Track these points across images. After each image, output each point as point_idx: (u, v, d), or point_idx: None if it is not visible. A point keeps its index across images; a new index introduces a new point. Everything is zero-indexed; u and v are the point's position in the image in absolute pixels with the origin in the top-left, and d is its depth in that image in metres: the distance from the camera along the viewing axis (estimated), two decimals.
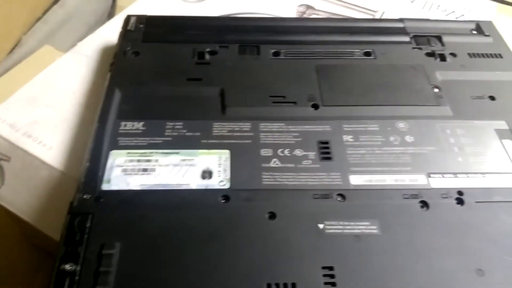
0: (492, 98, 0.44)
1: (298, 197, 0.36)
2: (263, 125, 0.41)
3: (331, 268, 0.32)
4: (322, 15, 0.60)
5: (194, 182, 0.36)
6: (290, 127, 0.41)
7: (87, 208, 0.34)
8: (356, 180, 0.37)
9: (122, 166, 0.37)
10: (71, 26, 0.71)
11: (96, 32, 0.55)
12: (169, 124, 0.40)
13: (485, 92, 0.45)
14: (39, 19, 0.71)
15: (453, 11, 0.62)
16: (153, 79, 0.44)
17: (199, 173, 0.37)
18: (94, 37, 0.54)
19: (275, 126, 0.41)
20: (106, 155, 0.38)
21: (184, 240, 0.33)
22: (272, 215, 0.35)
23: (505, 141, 0.41)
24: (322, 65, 0.46)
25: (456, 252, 0.33)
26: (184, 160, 0.37)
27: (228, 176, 0.37)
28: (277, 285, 0.31)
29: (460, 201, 0.36)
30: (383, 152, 0.39)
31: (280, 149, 0.39)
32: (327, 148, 0.39)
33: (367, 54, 0.48)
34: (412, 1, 0.62)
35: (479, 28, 0.52)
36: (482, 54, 0.49)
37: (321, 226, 0.34)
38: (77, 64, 0.51)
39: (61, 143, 0.44)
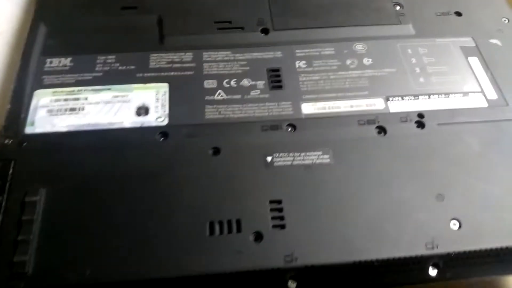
0: (458, 13, 0.41)
1: (245, 130, 0.33)
2: (207, 54, 0.36)
3: (279, 202, 0.29)
4: None
5: (128, 119, 0.32)
6: (237, 55, 0.37)
7: (8, 154, 0.31)
8: (308, 108, 0.34)
9: (47, 106, 0.33)
10: None
11: None
12: (100, 58, 0.36)
13: (451, 7, 0.41)
14: None
15: None
16: (82, 10, 0.39)
17: (133, 109, 0.33)
18: None
19: (220, 54, 0.37)
20: (29, 96, 0.34)
21: (118, 182, 0.30)
22: (216, 151, 0.31)
23: (471, 59, 0.37)
24: None
25: (414, 178, 0.31)
26: (116, 96, 0.34)
27: (167, 111, 0.33)
28: (220, 223, 0.28)
29: (420, 124, 0.33)
30: (338, 77, 0.36)
31: (226, 80, 0.35)
32: (278, 76, 0.36)
33: None
34: None
35: None
36: None
37: (269, 158, 0.31)
38: (3, 1, 0.46)
39: None
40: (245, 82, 0.35)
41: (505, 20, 0.40)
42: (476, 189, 0.30)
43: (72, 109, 0.33)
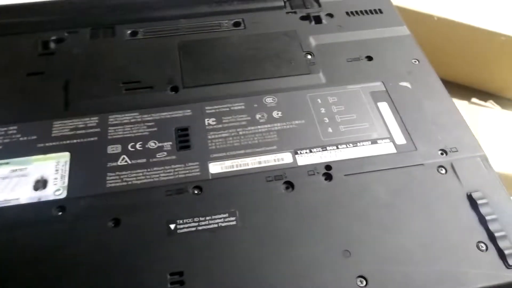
0: (369, 58, 0.41)
1: (148, 196, 0.32)
2: (113, 118, 0.36)
3: (180, 274, 0.28)
4: None
5: (24, 195, 0.31)
6: (144, 116, 0.36)
7: None
8: (215, 168, 0.33)
9: None
10: None
11: None
12: (1, 129, 0.34)
13: (362, 52, 0.41)
14: None
15: None
16: None
17: (31, 183, 0.32)
18: None
19: (126, 117, 0.36)
20: None
21: (13, 264, 0.28)
22: (116, 222, 0.30)
23: (380, 104, 0.38)
24: (185, 41, 0.41)
25: (321, 234, 0.30)
26: (14, 170, 0.32)
27: (66, 183, 0.32)
28: None
29: (328, 177, 0.33)
30: (247, 133, 0.35)
31: (131, 144, 0.34)
32: (186, 135, 0.35)
33: (237, 24, 0.43)
34: None
35: None
36: (361, 11, 0.45)
37: (172, 226, 0.30)
38: None
39: None
40: (152, 144, 0.34)
41: (415, 61, 0.41)
42: (383, 242, 0.30)
43: None
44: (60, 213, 0.30)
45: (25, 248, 0.29)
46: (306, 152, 0.34)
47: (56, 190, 0.31)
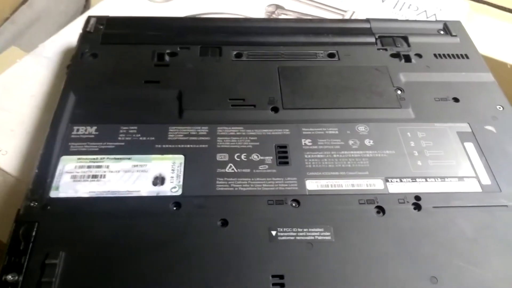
0: (456, 99, 0.44)
1: (252, 203, 0.35)
2: (221, 129, 0.40)
3: (281, 277, 0.31)
4: (291, 15, 0.59)
5: (145, 188, 0.35)
6: (248, 131, 0.40)
7: (33, 216, 0.33)
8: (312, 185, 0.36)
9: (71, 172, 0.36)
10: (39, 27, 0.69)
11: (59, 33, 0.54)
12: (123, 128, 0.39)
13: (449, 93, 0.44)
14: (6, 19, 0.69)
15: (425, 10, 0.61)
16: (109, 82, 0.43)
17: (150, 179, 0.36)
18: (56, 38, 0.53)
19: (233, 130, 0.40)
20: (56, 161, 0.37)
21: (132, 249, 0.32)
22: (224, 222, 0.34)
23: (467, 144, 0.40)
24: (285, 67, 0.45)
25: (410, 259, 0.32)
26: (136, 166, 0.36)
27: (181, 182, 0.36)
28: None
29: (417, 206, 0.35)
30: (341, 156, 0.38)
31: (237, 154, 0.38)
32: (285, 152, 0.38)
33: (331, 55, 0.47)
34: (383, 1, 0.62)
35: (447, 28, 0.51)
36: (448, 55, 0.48)
37: (273, 233, 0.33)
38: (37, 66, 0.50)
39: (16, 148, 0.43)
40: (255, 156, 0.38)
41: (499, 108, 0.43)
42: (469, 273, 0.32)
43: (94, 176, 0.36)
44: (175, 208, 0.34)
45: (144, 235, 0.33)
46: (396, 181, 0.37)
47: (173, 187, 0.35)
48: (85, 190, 0.35)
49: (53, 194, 0.35)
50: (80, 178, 0.36)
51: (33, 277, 0.30)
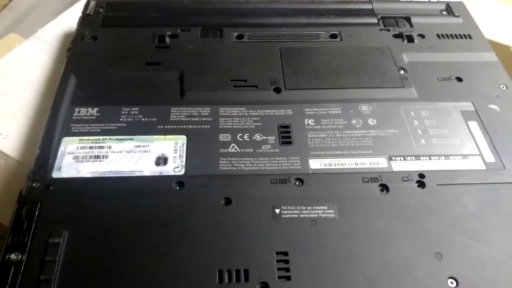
0: (459, 79, 0.43)
1: (255, 182, 0.35)
2: (223, 110, 0.39)
3: (285, 254, 0.31)
4: None
5: (147, 168, 0.35)
6: (250, 111, 0.39)
7: (35, 197, 0.33)
8: (315, 164, 0.36)
9: (73, 153, 0.36)
10: (39, 13, 0.69)
11: (58, 18, 0.54)
12: (125, 109, 0.39)
13: (452, 73, 0.44)
14: (5, 6, 0.69)
15: None
16: (110, 64, 0.42)
17: (153, 159, 0.36)
18: (55, 23, 0.53)
19: (235, 110, 0.39)
20: (58, 142, 0.36)
21: (134, 228, 0.32)
22: (228, 201, 0.34)
23: (470, 123, 0.40)
24: (286, 48, 0.45)
25: (414, 236, 0.32)
26: (138, 146, 0.36)
27: (184, 162, 0.35)
28: (229, 271, 0.30)
29: (421, 184, 0.35)
30: (344, 136, 0.38)
31: (239, 134, 0.38)
32: (288, 132, 0.38)
33: (333, 36, 0.47)
34: None
35: (449, 9, 0.51)
36: (451, 35, 0.48)
37: (277, 211, 0.33)
38: (37, 51, 0.50)
39: (17, 131, 0.43)
40: (257, 137, 0.38)
41: (503, 87, 0.43)
42: (473, 249, 0.32)
43: (97, 157, 0.35)
44: (178, 188, 0.34)
45: (147, 214, 0.33)
46: (400, 159, 0.37)
47: (175, 167, 0.35)
48: (87, 170, 0.35)
49: (55, 174, 0.34)
50: (82, 158, 0.35)
51: (37, 256, 0.30)
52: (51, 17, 0.69)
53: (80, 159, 0.35)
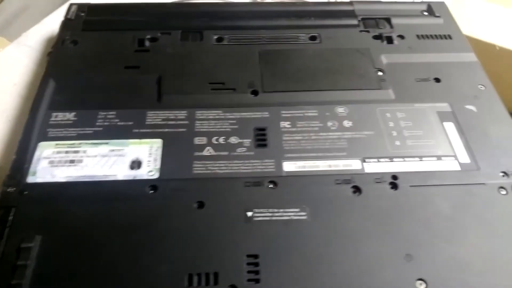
0: (437, 80, 0.43)
1: (229, 185, 0.35)
2: (200, 113, 0.40)
3: (255, 256, 0.31)
4: None
5: (121, 173, 0.35)
6: (227, 114, 0.40)
7: (10, 201, 0.33)
8: (289, 166, 0.36)
9: (49, 158, 0.36)
10: (27, 17, 0.69)
11: (42, 22, 0.54)
12: (102, 114, 0.39)
13: (431, 74, 0.44)
14: None
15: None
16: (89, 68, 0.43)
17: (128, 163, 0.36)
18: (39, 27, 0.53)
19: (212, 113, 0.40)
20: (34, 147, 0.37)
21: (108, 233, 0.32)
22: (201, 205, 0.34)
23: (446, 124, 0.40)
24: (266, 50, 0.45)
25: (385, 237, 0.33)
26: (113, 150, 0.37)
27: (158, 166, 0.36)
28: (198, 275, 0.30)
29: (394, 186, 0.35)
30: (319, 138, 0.38)
31: (215, 137, 0.38)
32: (264, 135, 0.38)
33: (313, 38, 0.47)
34: None
35: (430, 9, 0.51)
36: (431, 35, 0.48)
37: (249, 214, 0.33)
38: (20, 55, 0.50)
39: None
40: (233, 139, 0.38)
41: (481, 87, 0.43)
42: (444, 251, 0.32)
43: (72, 161, 0.36)
44: (152, 192, 0.34)
45: (120, 218, 0.33)
46: (374, 161, 0.37)
47: (149, 171, 0.35)
48: (62, 175, 0.35)
49: (30, 179, 0.35)
50: (58, 163, 0.36)
51: (9, 261, 0.30)
52: (39, 19, 0.70)
53: (55, 163, 0.36)
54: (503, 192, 0.35)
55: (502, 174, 0.36)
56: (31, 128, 0.38)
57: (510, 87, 0.69)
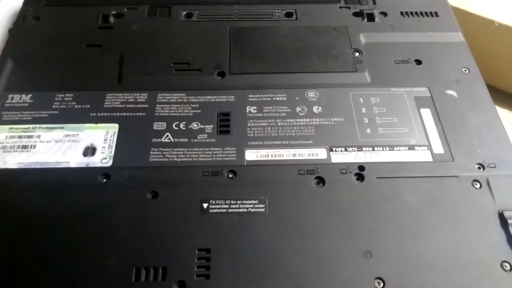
0: (418, 62, 0.41)
1: (186, 174, 0.33)
2: (161, 96, 0.38)
3: (207, 251, 0.30)
4: None
5: (74, 159, 0.34)
6: (190, 97, 0.38)
7: None
8: (251, 155, 0.34)
9: (2, 143, 0.35)
10: None
11: None
12: (59, 96, 0.37)
13: (412, 55, 0.41)
14: None
15: None
16: (49, 46, 0.41)
17: (81, 149, 0.34)
18: (4, 1, 0.51)
19: (174, 96, 0.38)
20: None
21: (58, 221, 0.31)
22: (155, 195, 0.32)
23: (423, 110, 0.37)
24: (237, 27, 0.42)
25: (346, 233, 0.31)
26: (67, 135, 0.35)
27: (113, 153, 0.34)
28: (146, 269, 0.29)
29: (360, 177, 0.33)
30: (285, 125, 0.36)
31: (176, 122, 0.36)
32: (227, 120, 0.36)
33: (288, 15, 0.44)
34: None
35: None
36: (416, 12, 0.44)
37: (205, 205, 0.32)
38: None
39: None
40: (194, 125, 0.36)
41: (465, 70, 0.40)
42: (406, 248, 0.30)
43: (24, 147, 0.34)
44: (104, 180, 0.33)
45: (70, 208, 0.32)
46: (341, 150, 0.35)
47: (103, 158, 0.34)
48: (14, 161, 0.34)
49: None
50: (10, 148, 0.34)
51: None
52: None
53: (7, 149, 0.34)
54: (477, 185, 0.33)
55: (477, 166, 0.34)
56: None
57: (509, 66, 0.66)
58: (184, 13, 0.44)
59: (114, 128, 0.35)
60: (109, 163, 0.34)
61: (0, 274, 0.29)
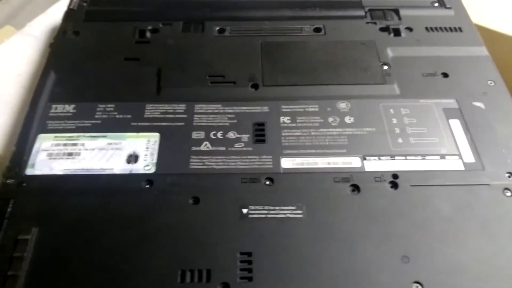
0: (445, 75, 0.42)
1: (225, 181, 0.35)
2: (199, 107, 0.39)
3: (249, 254, 0.31)
4: None
5: (118, 166, 0.35)
6: (226, 108, 0.39)
7: (8, 193, 0.34)
8: (287, 163, 0.36)
9: (48, 150, 0.36)
10: (34, 7, 0.69)
11: (46, 12, 0.54)
12: (100, 106, 0.39)
13: (439, 68, 0.42)
14: None
15: None
16: (89, 59, 0.43)
17: (124, 157, 0.36)
18: (44, 17, 0.53)
19: (210, 107, 0.39)
20: (33, 139, 0.37)
21: (103, 226, 0.32)
22: (196, 200, 0.34)
23: (452, 121, 0.39)
24: (268, 42, 0.44)
25: (382, 238, 0.32)
26: (110, 143, 0.36)
27: (155, 160, 0.35)
28: (191, 271, 0.30)
29: (394, 185, 0.34)
30: (319, 134, 0.37)
31: (213, 132, 0.37)
32: (262, 130, 0.38)
33: (317, 30, 0.46)
34: None
35: (441, 0, 0.49)
36: (440, 28, 0.46)
37: (245, 211, 0.33)
38: (24, 45, 0.50)
39: (1, 126, 0.43)
40: (231, 134, 0.37)
41: (491, 83, 0.42)
42: (442, 254, 0.31)
43: (70, 154, 0.36)
44: (147, 186, 0.34)
45: (115, 213, 0.33)
46: (374, 159, 0.36)
47: (146, 165, 0.35)
48: (60, 167, 0.35)
49: (28, 171, 0.35)
50: (56, 155, 0.36)
51: (6, 252, 0.31)
52: (46, 9, 0.70)
53: (53, 156, 0.36)
54: (508, 193, 0.34)
55: (508, 175, 0.35)
56: (31, 120, 0.38)
57: None
58: (217, 28, 0.45)
59: (155, 137, 0.37)
60: (152, 170, 0.35)
61: (47, 277, 0.30)
